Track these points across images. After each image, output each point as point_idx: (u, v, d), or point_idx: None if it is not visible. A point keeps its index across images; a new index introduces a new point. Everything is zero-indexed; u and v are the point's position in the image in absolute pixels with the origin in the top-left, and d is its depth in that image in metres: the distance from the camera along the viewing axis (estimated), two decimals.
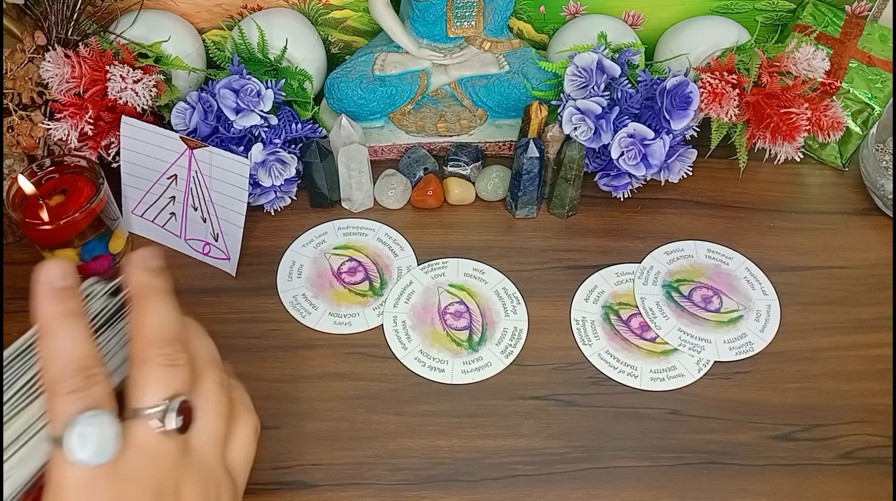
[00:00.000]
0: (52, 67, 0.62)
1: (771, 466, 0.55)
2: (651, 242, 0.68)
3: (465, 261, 0.67)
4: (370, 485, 0.53)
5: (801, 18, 0.74)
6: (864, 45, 0.72)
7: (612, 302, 0.64)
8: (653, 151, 0.64)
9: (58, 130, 0.63)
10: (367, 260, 0.67)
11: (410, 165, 0.72)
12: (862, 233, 0.70)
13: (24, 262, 0.65)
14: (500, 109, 0.73)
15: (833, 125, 0.67)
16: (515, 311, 0.64)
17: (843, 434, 0.56)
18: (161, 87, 0.66)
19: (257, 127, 0.65)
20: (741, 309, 0.64)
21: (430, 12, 0.70)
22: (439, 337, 0.62)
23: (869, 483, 0.54)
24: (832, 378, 0.59)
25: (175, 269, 0.66)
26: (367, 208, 0.71)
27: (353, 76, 0.71)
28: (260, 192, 0.67)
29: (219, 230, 0.64)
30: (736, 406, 0.58)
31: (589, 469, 0.54)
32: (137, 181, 0.66)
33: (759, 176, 0.74)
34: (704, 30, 0.73)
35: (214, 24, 0.75)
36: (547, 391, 0.59)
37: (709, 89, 0.65)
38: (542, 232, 0.69)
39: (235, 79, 0.64)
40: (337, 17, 0.76)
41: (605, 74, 0.66)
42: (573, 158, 0.65)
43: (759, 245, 0.68)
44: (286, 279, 0.66)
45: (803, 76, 0.67)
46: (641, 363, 0.60)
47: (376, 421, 0.57)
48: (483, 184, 0.71)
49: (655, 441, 0.56)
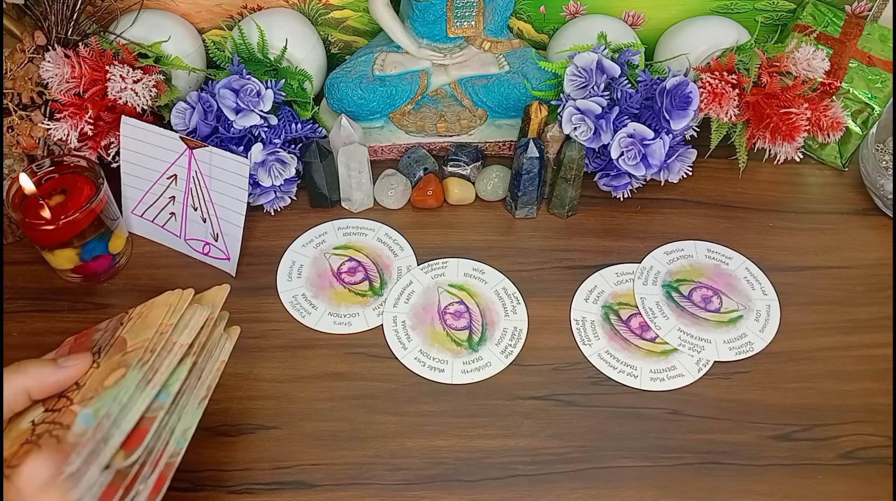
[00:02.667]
0: (52, 67, 0.62)
1: (771, 466, 0.55)
2: (651, 242, 0.68)
3: (465, 261, 0.67)
4: (370, 485, 0.53)
5: (801, 18, 0.74)
6: (864, 45, 0.72)
7: (611, 302, 0.64)
8: (653, 151, 0.64)
9: (58, 130, 0.63)
10: (366, 260, 0.67)
11: (410, 165, 0.72)
12: (862, 233, 0.70)
13: (24, 262, 0.65)
14: (499, 109, 0.73)
15: (833, 125, 0.67)
16: (515, 311, 0.64)
17: (843, 434, 0.56)
18: (161, 87, 0.66)
19: (257, 127, 0.65)
20: (741, 309, 0.64)
21: (429, 12, 0.70)
22: (439, 337, 0.62)
23: (869, 483, 0.54)
24: (832, 378, 0.59)
25: (175, 269, 0.67)
26: (367, 208, 0.71)
27: (353, 76, 0.71)
28: (260, 192, 0.67)
29: (219, 230, 0.64)
30: (736, 406, 0.58)
31: (589, 469, 0.54)
32: (137, 181, 0.66)
33: (759, 176, 0.74)
34: (704, 30, 0.73)
35: (214, 24, 0.75)
36: (547, 391, 0.59)
37: (708, 89, 0.65)
38: (541, 232, 0.69)
39: (235, 79, 0.64)
40: (337, 17, 0.76)
41: (605, 73, 0.66)
42: (573, 158, 0.65)
43: (758, 245, 0.68)
44: (286, 279, 0.66)
45: (803, 76, 0.67)
46: (641, 363, 0.60)
47: (376, 421, 0.57)
48: (483, 184, 0.71)
49: (655, 440, 0.56)
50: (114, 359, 0.45)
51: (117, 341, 0.47)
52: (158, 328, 0.46)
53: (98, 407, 0.41)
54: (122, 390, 0.42)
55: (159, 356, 0.45)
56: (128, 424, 0.41)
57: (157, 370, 0.44)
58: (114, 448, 0.40)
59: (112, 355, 0.46)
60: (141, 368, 0.44)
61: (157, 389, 0.43)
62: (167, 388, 0.44)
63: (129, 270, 0.66)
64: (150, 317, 0.48)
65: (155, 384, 0.43)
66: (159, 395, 0.44)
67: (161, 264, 0.67)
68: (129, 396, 0.42)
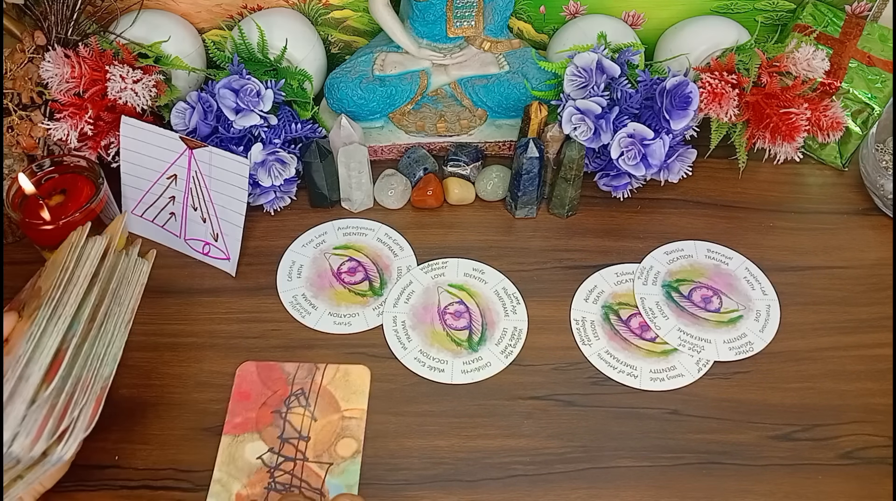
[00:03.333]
0: (52, 67, 0.62)
1: (771, 466, 0.55)
2: (651, 242, 0.68)
3: (465, 261, 0.67)
4: (370, 485, 0.53)
5: (801, 18, 0.74)
6: (864, 45, 0.72)
7: (611, 302, 0.64)
8: (652, 151, 0.64)
9: (57, 130, 0.63)
10: (366, 260, 0.67)
11: (410, 165, 0.72)
12: (862, 233, 0.70)
13: (24, 262, 0.65)
14: (499, 109, 0.73)
15: (833, 125, 0.67)
16: (515, 311, 0.64)
17: (843, 434, 0.56)
18: (161, 87, 0.66)
19: (257, 127, 0.65)
20: (741, 309, 0.64)
21: (429, 12, 0.70)
22: (439, 337, 0.62)
23: (869, 483, 0.54)
24: (832, 378, 0.59)
25: (175, 269, 0.66)
26: (367, 208, 0.71)
27: (353, 76, 0.71)
28: (260, 192, 0.67)
29: (218, 230, 0.64)
30: (736, 406, 0.58)
31: (588, 468, 0.54)
32: (137, 181, 0.66)
33: (759, 176, 0.74)
34: (704, 30, 0.73)
35: (214, 24, 0.75)
36: (547, 391, 0.59)
37: (708, 89, 0.65)
38: (541, 232, 0.69)
39: (235, 79, 0.64)
40: (337, 17, 0.76)
41: (605, 73, 0.66)
42: (573, 158, 0.65)
43: (758, 245, 0.68)
44: (286, 279, 0.66)
45: (803, 76, 0.67)
46: (641, 363, 0.60)
47: (376, 421, 0.57)
48: (483, 184, 0.71)
49: (655, 440, 0.56)
50: (31, 306, 0.48)
51: (35, 290, 0.50)
52: (63, 266, 0.49)
53: (17, 352, 0.44)
54: (34, 328, 0.45)
55: (64, 290, 0.47)
56: (45, 358, 0.44)
57: (66, 304, 0.47)
58: (35, 383, 0.43)
59: (30, 303, 0.49)
60: (49, 305, 0.46)
61: (68, 320, 0.46)
62: (77, 317, 0.47)
63: None
64: (58, 259, 0.50)
65: (65, 317, 0.46)
66: (72, 326, 0.46)
67: (161, 264, 0.66)
68: (42, 332, 0.45)
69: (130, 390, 0.58)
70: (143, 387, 0.58)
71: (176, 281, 0.65)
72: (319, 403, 0.56)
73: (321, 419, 0.55)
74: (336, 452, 0.54)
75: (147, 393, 0.58)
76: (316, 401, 0.56)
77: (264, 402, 0.57)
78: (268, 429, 0.55)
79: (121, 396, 0.57)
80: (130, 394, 0.58)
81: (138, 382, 0.58)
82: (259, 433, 0.55)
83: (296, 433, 0.55)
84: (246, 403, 0.57)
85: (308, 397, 0.56)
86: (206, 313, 0.63)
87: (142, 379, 0.58)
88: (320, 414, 0.56)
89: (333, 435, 0.55)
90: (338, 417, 0.55)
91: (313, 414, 0.56)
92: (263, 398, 0.57)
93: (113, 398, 0.54)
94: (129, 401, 0.57)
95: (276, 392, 0.57)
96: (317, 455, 0.54)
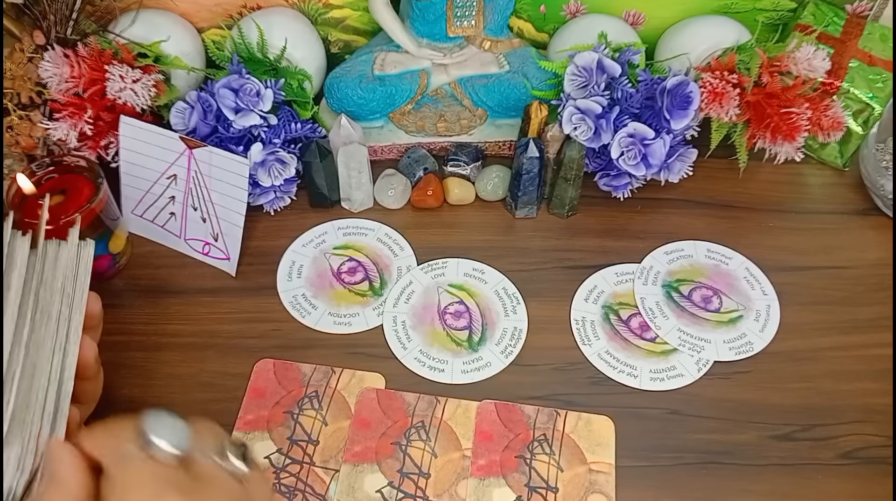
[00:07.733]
0: (51, 66, 0.62)
1: (771, 466, 0.55)
2: (651, 242, 0.68)
3: (465, 261, 0.67)
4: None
5: (802, 18, 0.74)
6: (865, 45, 0.72)
7: (611, 302, 0.64)
8: (653, 150, 0.64)
9: (57, 130, 0.63)
10: (366, 260, 0.67)
11: (410, 165, 0.71)
12: (862, 233, 0.70)
13: None
14: (500, 108, 0.73)
15: (833, 125, 0.67)
16: (515, 311, 0.64)
17: (842, 434, 0.56)
18: (160, 86, 0.66)
19: (257, 127, 0.65)
20: (741, 309, 0.64)
21: (429, 11, 0.69)
22: (439, 337, 0.62)
23: (869, 483, 0.54)
24: (832, 378, 0.59)
25: (175, 269, 0.66)
26: (367, 207, 0.71)
27: (353, 76, 0.71)
28: (260, 192, 0.67)
29: (218, 230, 0.64)
30: (736, 406, 0.58)
31: None
32: (137, 181, 0.66)
33: (759, 176, 0.74)
34: (705, 29, 0.73)
35: (214, 24, 0.75)
36: (547, 391, 0.59)
37: (709, 89, 0.65)
38: (542, 232, 0.69)
39: (235, 78, 0.64)
40: (337, 17, 0.76)
41: (606, 73, 0.66)
42: (573, 158, 0.65)
43: (758, 245, 0.68)
44: (286, 279, 0.66)
45: (804, 76, 0.67)
46: (641, 362, 0.60)
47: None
48: (483, 184, 0.71)
49: (655, 440, 0.56)
50: None
51: None
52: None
53: None
54: None
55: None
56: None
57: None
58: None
59: None
60: None
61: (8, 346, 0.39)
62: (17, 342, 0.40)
63: (129, 270, 0.66)
64: None
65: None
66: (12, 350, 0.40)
67: (161, 264, 0.67)
68: None
69: (130, 390, 0.58)
70: (143, 387, 0.58)
71: (176, 281, 0.65)
72: (331, 409, 0.57)
73: (332, 424, 0.56)
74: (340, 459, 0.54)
75: (147, 393, 0.58)
76: (328, 406, 0.57)
77: (277, 402, 0.57)
78: (278, 430, 0.55)
79: (121, 396, 0.57)
80: (130, 394, 0.57)
81: (138, 382, 0.58)
82: (269, 432, 0.55)
83: (305, 436, 0.55)
84: (260, 401, 0.57)
85: (321, 400, 0.57)
86: (206, 313, 0.63)
87: (142, 379, 0.58)
88: (332, 419, 0.56)
89: (341, 442, 0.55)
90: (347, 424, 0.56)
91: (325, 419, 0.56)
92: (277, 398, 0.57)
93: (113, 398, 0.54)
94: (129, 401, 0.57)
95: (290, 392, 0.57)
96: (323, 460, 0.54)
